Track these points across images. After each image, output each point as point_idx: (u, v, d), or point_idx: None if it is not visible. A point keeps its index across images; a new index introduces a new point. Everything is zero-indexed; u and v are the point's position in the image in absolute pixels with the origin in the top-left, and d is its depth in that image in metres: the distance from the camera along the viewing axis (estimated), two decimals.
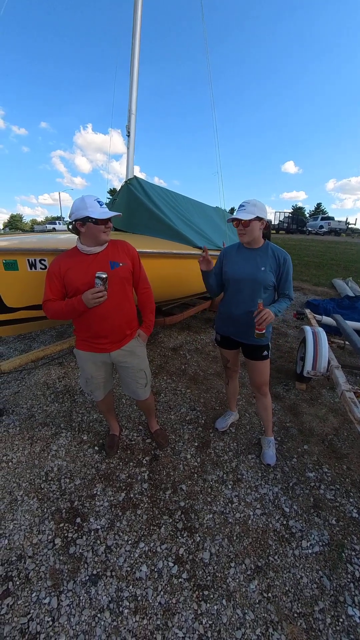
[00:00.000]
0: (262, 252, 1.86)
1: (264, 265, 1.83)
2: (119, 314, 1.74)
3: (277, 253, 1.84)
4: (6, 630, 1.31)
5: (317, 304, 5.52)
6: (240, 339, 2.04)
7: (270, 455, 2.18)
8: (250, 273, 1.86)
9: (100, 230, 1.58)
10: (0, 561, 1.56)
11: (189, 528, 1.73)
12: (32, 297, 2.08)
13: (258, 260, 1.85)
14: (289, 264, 1.84)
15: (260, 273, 1.83)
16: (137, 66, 3.64)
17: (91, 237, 1.61)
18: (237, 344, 2.11)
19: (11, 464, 2.12)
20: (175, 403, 2.83)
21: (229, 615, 1.38)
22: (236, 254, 1.96)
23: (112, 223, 1.65)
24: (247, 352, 2.08)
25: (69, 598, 1.42)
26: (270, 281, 1.84)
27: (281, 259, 1.83)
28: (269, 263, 1.83)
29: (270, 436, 2.28)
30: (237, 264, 1.92)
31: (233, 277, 1.93)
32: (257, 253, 1.87)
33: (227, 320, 2.06)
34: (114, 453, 2.20)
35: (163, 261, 3.02)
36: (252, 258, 1.87)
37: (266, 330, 1.88)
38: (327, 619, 1.37)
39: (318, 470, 2.12)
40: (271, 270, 1.83)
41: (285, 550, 1.64)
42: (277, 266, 1.84)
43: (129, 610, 1.38)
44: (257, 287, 1.85)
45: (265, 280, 1.83)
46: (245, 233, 1.80)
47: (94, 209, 1.54)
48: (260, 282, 1.84)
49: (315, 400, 2.92)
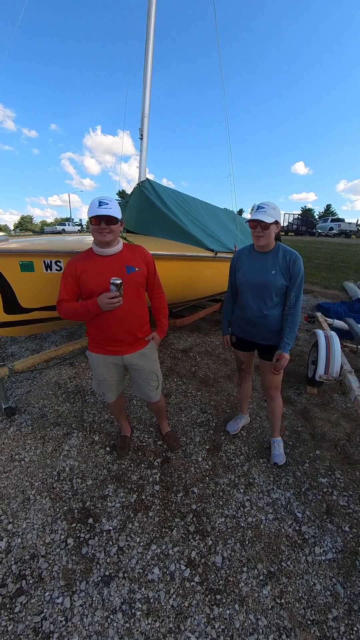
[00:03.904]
0: (272, 255, 1.85)
1: (274, 268, 1.82)
2: (132, 318, 1.75)
3: (288, 254, 1.83)
4: (20, 628, 1.33)
5: (328, 307, 5.47)
6: (256, 340, 2.04)
7: (277, 455, 2.19)
8: (261, 277, 1.85)
9: (95, 230, 1.57)
10: (14, 559, 1.58)
11: (200, 531, 1.73)
12: (46, 298, 2.11)
13: (269, 263, 1.84)
14: (299, 264, 1.81)
15: (271, 277, 1.82)
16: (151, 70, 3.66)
17: (93, 236, 1.62)
18: (253, 345, 2.10)
19: (24, 462, 2.15)
20: (185, 405, 2.83)
21: (241, 620, 1.37)
22: (247, 258, 1.96)
23: (115, 226, 1.59)
24: (262, 353, 2.09)
25: (81, 598, 1.43)
26: (281, 284, 1.82)
27: (291, 260, 1.81)
28: (280, 265, 1.82)
29: (277, 437, 2.29)
30: (249, 268, 1.92)
31: (245, 282, 1.94)
32: (268, 256, 1.86)
33: (242, 323, 2.07)
34: (126, 454, 2.21)
35: (174, 263, 3.03)
36: (263, 262, 1.87)
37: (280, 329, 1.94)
38: (341, 627, 1.36)
39: (330, 476, 2.10)
40: (282, 273, 1.81)
41: (298, 556, 1.62)
42: (287, 267, 1.81)
43: (142, 613, 1.39)
44: (268, 291, 1.85)
45: (276, 284, 1.82)
46: (264, 236, 1.78)
47: (91, 208, 1.55)
48: (271, 286, 1.83)
49: (327, 405, 2.89)
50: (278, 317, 1.91)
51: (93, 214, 1.53)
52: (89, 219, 1.56)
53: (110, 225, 1.57)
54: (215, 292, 4.21)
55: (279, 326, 1.93)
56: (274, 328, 1.94)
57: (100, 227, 1.55)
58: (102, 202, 1.54)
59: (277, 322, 1.92)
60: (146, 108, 3.68)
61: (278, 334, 1.95)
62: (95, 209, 1.53)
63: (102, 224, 1.55)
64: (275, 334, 1.96)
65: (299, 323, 1.91)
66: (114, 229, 1.59)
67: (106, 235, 1.58)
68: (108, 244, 1.63)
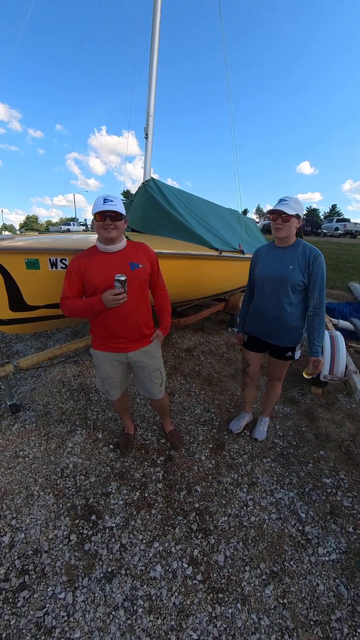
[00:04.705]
0: (292, 250, 1.83)
1: (292, 263, 1.79)
2: (137, 315, 1.75)
3: (308, 250, 1.79)
4: (22, 622, 1.33)
5: (334, 308, 5.44)
6: (268, 339, 2.03)
7: (261, 432, 2.39)
8: (279, 272, 1.83)
9: (99, 226, 1.58)
10: (17, 554, 1.58)
11: (203, 530, 1.72)
12: (52, 295, 2.11)
13: (287, 258, 1.82)
14: (319, 261, 1.76)
15: (288, 272, 1.79)
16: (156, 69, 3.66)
17: (98, 233, 1.63)
18: (264, 346, 2.10)
19: (28, 459, 2.16)
20: (189, 404, 2.83)
21: (243, 619, 1.36)
22: (267, 253, 1.95)
23: (120, 222, 1.61)
24: (273, 352, 2.10)
25: (84, 594, 1.43)
26: (299, 280, 1.79)
27: (311, 256, 1.77)
28: (298, 261, 1.78)
29: (266, 417, 2.47)
30: (267, 262, 1.92)
31: (262, 277, 1.93)
32: (288, 251, 1.84)
33: (258, 320, 2.05)
34: (129, 452, 2.22)
35: (179, 262, 3.02)
36: (281, 256, 1.85)
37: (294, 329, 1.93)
38: (344, 628, 1.34)
39: (335, 477, 2.08)
40: (300, 269, 1.78)
41: (301, 556, 1.61)
42: (307, 264, 1.78)
43: (144, 610, 1.39)
44: (284, 286, 1.82)
45: (293, 279, 1.79)
46: (283, 228, 1.76)
47: (96, 205, 1.56)
48: (288, 281, 1.80)
49: (331, 406, 2.87)
50: (294, 315, 1.89)
51: (98, 210, 1.54)
52: (94, 215, 1.57)
53: (115, 222, 1.58)
54: (219, 291, 4.20)
55: (293, 325, 1.91)
56: (288, 327, 1.92)
57: (105, 223, 1.56)
58: (107, 199, 1.56)
59: (292, 321, 1.90)
60: (151, 107, 3.68)
61: (291, 334, 1.94)
62: (100, 205, 1.54)
63: (107, 220, 1.56)
64: (289, 334, 1.94)
65: (325, 324, 1.88)
66: (118, 225, 1.60)
67: (111, 232, 1.59)
68: (112, 241, 1.63)
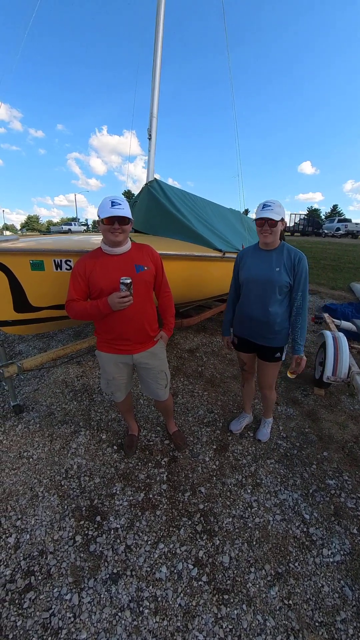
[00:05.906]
0: (277, 252, 1.87)
1: (279, 265, 1.84)
2: (142, 317, 1.75)
3: (292, 253, 1.85)
4: (29, 623, 1.34)
5: (335, 308, 5.43)
6: (256, 340, 2.04)
7: (264, 433, 2.39)
8: (265, 274, 1.87)
9: (106, 229, 1.57)
10: (23, 555, 1.59)
11: (208, 531, 1.73)
12: (56, 297, 2.12)
13: (273, 261, 1.86)
14: (304, 264, 1.84)
15: (275, 274, 1.84)
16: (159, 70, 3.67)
17: (104, 236, 1.63)
18: (254, 347, 2.10)
19: (32, 460, 2.17)
20: (192, 405, 2.83)
21: (249, 620, 1.37)
22: (252, 256, 1.98)
23: (127, 226, 1.60)
24: (261, 354, 2.10)
25: (89, 595, 1.44)
26: (286, 282, 1.84)
27: (296, 258, 1.83)
28: (284, 263, 1.83)
29: (269, 418, 2.45)
30: (253, 265, 1.94)
31: (248, 279, 1.95)
32: (273, 254, 1.88)
33: (243, 322, 2.07)
34: (133, 453, 2.22)
35: (182, 263, 3.03)
36: (267, 259, 1.88)
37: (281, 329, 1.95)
38: (349, 629, 1.35)
39: (338, 478, 2.09)
40: (286, 271, 1.83)
41: (305, 557, 1.62)
42: (292, 266, 1.84)
43: (149, 611, 1.39)
44: (271, 288, 1.86)
45: (280, 281, 1.83)
46: (271, 233, 1.80)
47: (103, 208, 1.54)
48: (275, 283, 1.84)
49: (334, 407, 2.87)
50: (280, 315, 1.92)
51: (107, 215, 1.52)
52: (101, 219, 1.56)
53: (123, 226, 1.58)
54: (222, 292, 4.20)
55: (280, 326, 1.94)
56: (275, 327, 1.94)
57: (114, 227, 1.56)
58: (115, 202, 1.54)
59: (279, 321, 1.92)
60: (155, 108, 3.69)
61: (278, 335, 1.97)
62: (109, 210, 1.52)
63: (115, 224, 1.55)
64: (276, 335, 1.97)
65: (307, 323, 1.91)
66: (126, 229, 1.60)
67: (118, 236, 1.59)
68: (119, 244, 1.64)
